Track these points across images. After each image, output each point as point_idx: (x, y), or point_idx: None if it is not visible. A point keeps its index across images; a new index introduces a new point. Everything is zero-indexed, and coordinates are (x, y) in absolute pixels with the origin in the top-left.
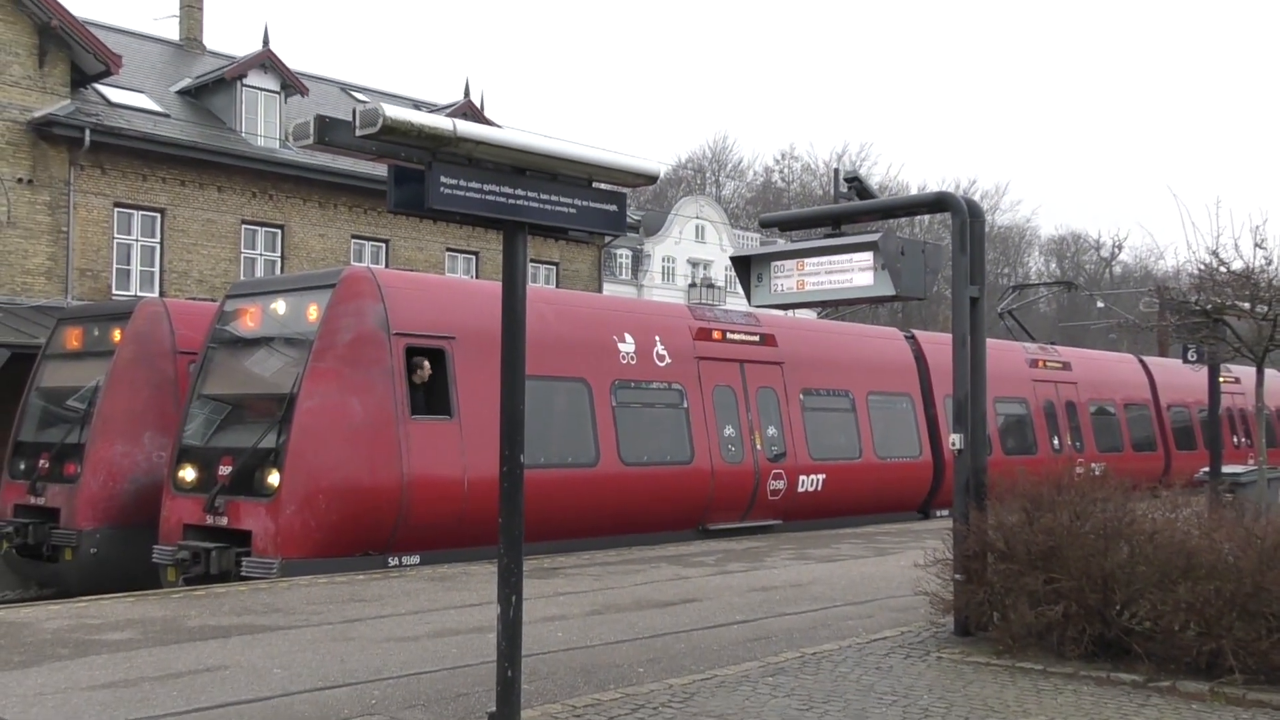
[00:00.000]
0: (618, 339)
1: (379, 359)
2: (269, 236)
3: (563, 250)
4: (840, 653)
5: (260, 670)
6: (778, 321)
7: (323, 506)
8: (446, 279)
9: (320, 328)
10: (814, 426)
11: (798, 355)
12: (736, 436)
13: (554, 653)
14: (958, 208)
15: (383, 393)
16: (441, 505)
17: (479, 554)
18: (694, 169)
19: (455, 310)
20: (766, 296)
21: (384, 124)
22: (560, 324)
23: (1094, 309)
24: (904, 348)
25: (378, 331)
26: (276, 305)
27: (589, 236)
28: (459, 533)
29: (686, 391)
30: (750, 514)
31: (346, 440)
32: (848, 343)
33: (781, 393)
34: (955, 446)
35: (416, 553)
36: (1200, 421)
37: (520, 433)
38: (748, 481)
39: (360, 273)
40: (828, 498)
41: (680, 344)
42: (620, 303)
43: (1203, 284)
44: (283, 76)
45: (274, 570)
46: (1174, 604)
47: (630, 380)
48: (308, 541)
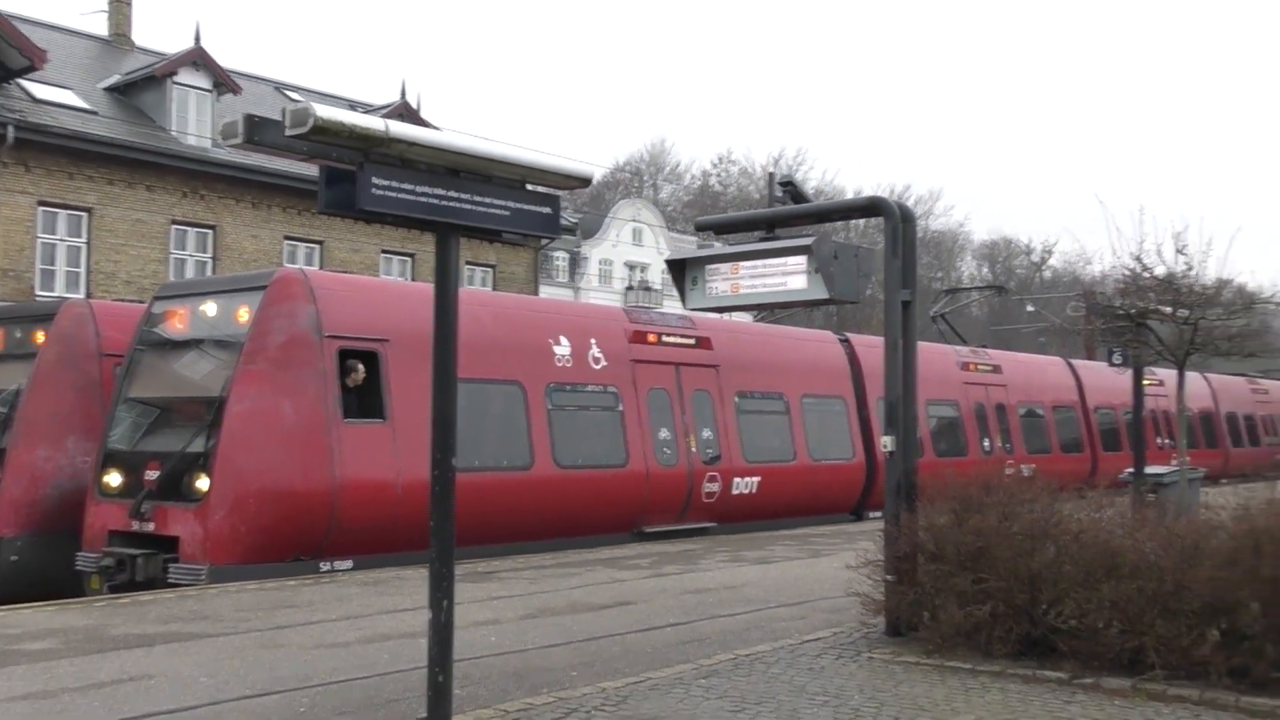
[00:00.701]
0: (553, 342)
1: (310, 361)
2: (200, 237)
3: (499, 252)
4: (773, 654)
5: (186, 679)
6: (713, 324)
7: (253, 511)
8: (380, 281)
9: (251, 330)
10: (748, 429)
11: (732, 358)
12: (671, 439)
13: (487, 657)
14: (890, 212)
15: (314, 396)
16: (375, 509)
17: (413, 558)
18: (631, 172)
19: (389, 312)
20: (701, 300)
21: (315, 124)
22: (495, 326)
23: (1024, 313)
24: (838, 351)
25: (309, 334)
26: (206, 307)
27: (523, 239)
28: (393, 537)
29: (621, 394)
30: (685, 517)
31: (277, 444)
32: (782, 345)
33: (716, 395)
34: (886, 448)
35: (349, 557)
36: (1125, 423)
37: (452, 436)
38: (682, 484)
39: (292, 274)
40: (762, 500)
41: (615, 347)
42: (556, 305)
43: (1127, 289)
44: (215, 75)
45: (202, 577)
46: (1098, 603)
47: (565, 383)
48: (237, 547)
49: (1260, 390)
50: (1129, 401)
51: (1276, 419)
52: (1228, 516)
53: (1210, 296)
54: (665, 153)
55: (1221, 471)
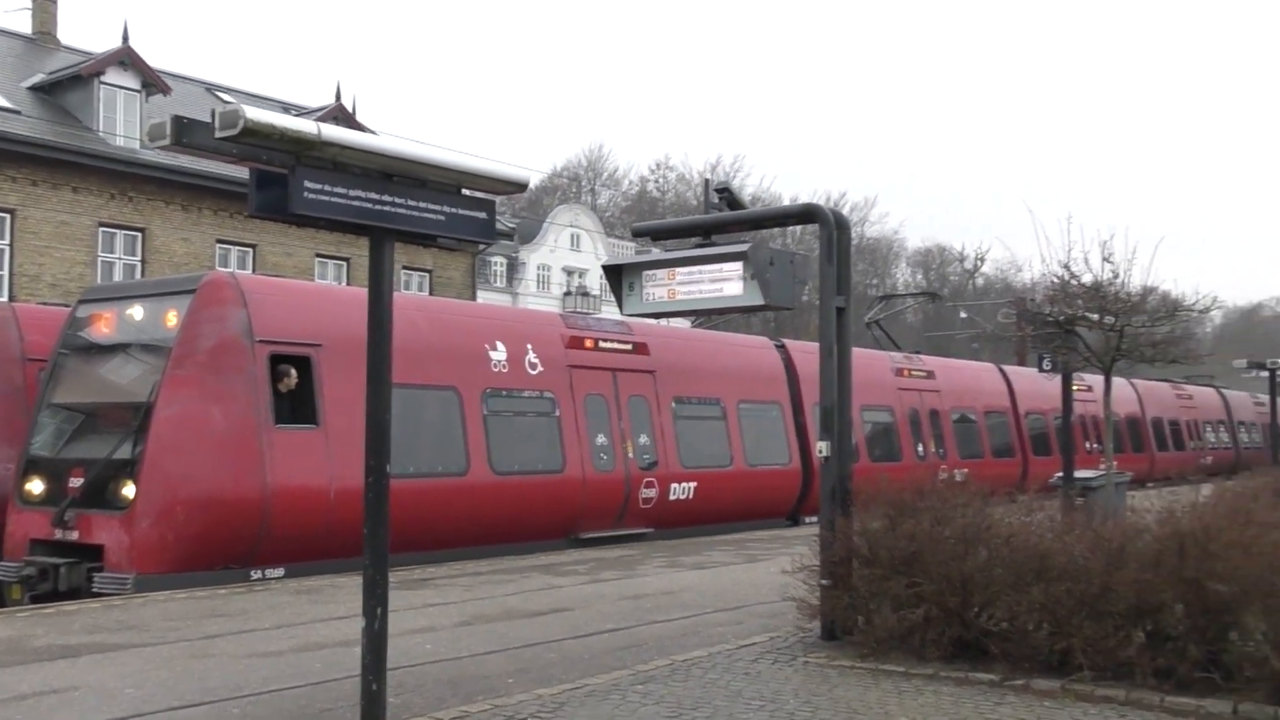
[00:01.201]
0: (489, 347)
1: (241, 366)
2: (128, 240)
3: (435, 257)
4: (710, 659)
5: (111, 691)
6: (650, 330)
7: (181, 519)
8: (313, 285)
9: (179, 334)
10: (685, 435)
11: (670, 364)
12: (608, 445)
13: (422, 665)
14: (825, 219)
15: (244, 401)
16: (306, 516)
17: (347, 565)
18: (570, 177)
19: (322, 317)
20: (638, 305)
21: (245, 126)
22: (431, 331)
23: (958, 319)
24: (774, 357)
25: (240, 338)
26: (133, 311)
27: (459, 244)
28: (326, 544)
29: (558, 400)
30: (622, 522)
31: (206, 450)
32: (719, 351)
33: (653, 401)
34: (822, 453)
35: (281, 565)
36: (1055, 428)
37: (386, 442)
38: (619, 490)
39: (222, 278)
40: (699, 506)
41: (552, 352)
42: (492, 310)
43: (1056, 296)
44: (143, 74)
45: (128, 586)
46: (1028, 605)
47: (501, 389)
48: (165, 556)
49: (1185, 396)
50: (1059, 407)
51: (1200, 424)
52: (1153, 519)
53: (1135, 304)
54: (603, 159)
55: (1148, 475)
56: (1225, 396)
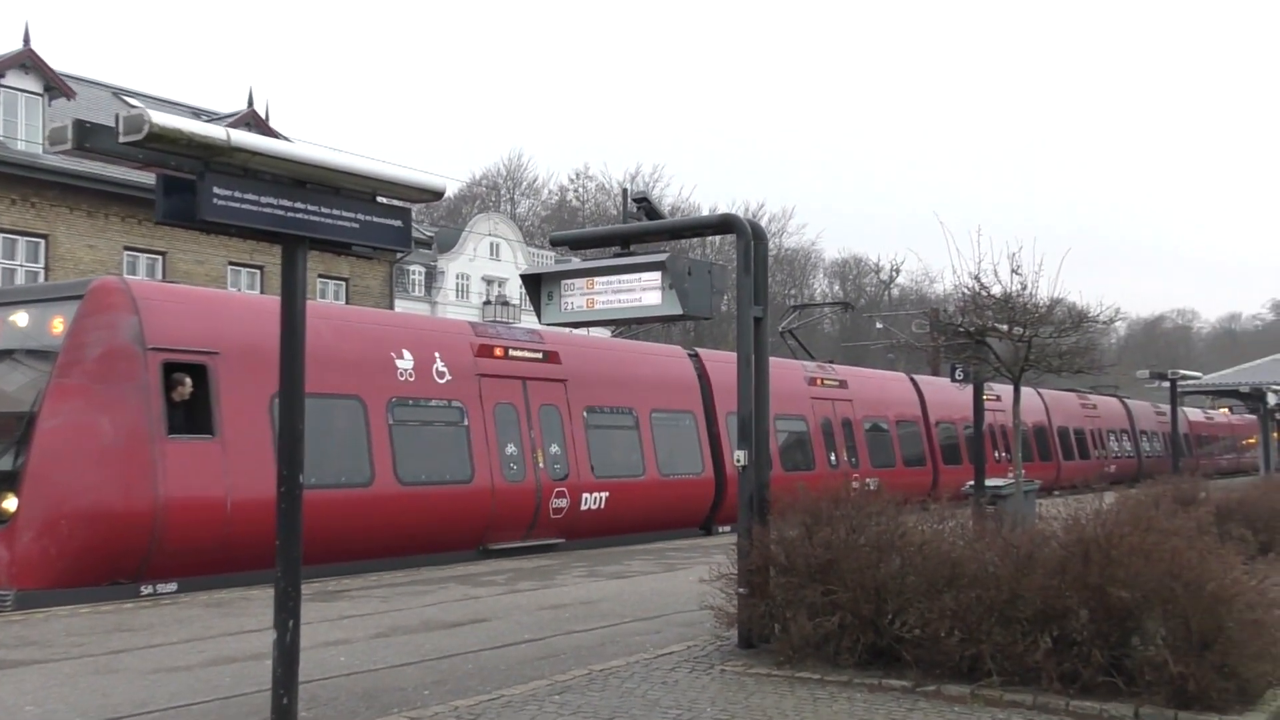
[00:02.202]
0: (395, 355)
1: (131, 375)
2: (31, 247)
3: (352, 266)
4: (628, 669)
5: (11, 708)
6: (562, 339)
7: (64, 533)
8: (210, 291)
9: (65, 341)
10: (597, 444)
11: (581, 373)
12: (519, 455)
13: (335, 678)
14: (742, 230)
15: (135, 411)
16: (202, 529)
17: (245, 579)
18: (489, 186)
19: (220, 324)
20: (557, 315)
21: (150, 131)
22: (334, 339)
23: (874, 330)
24: (687, 366)
25: (130, 345)
26: (17, 317)
27: (374, 252)
28: (222, 558)
29: (467, 409)
30: (533, 533)
31: (93, 462)
32: (632, 360)
33: (565, 410)
34: (739, 463)
35: (174, 579)
36: (966, 437)
37: (300, 452)
38: (530, 500)
39: (111, 283)
40: (611, 515)
41: (461, 361)
42: (399, 318)
43: (967, 307)
44: (46, 77)
45: (8, 603)
46: (940, 612)
47: (408, 398)
48: (47, 571)
49: (1090, 405)
50: (969, 416)
51: (1105, 433)
52: (1059, 527)
53: (1043, 315)
54: (522, 167)
55: (1055, 483)
56: (1129, 406)
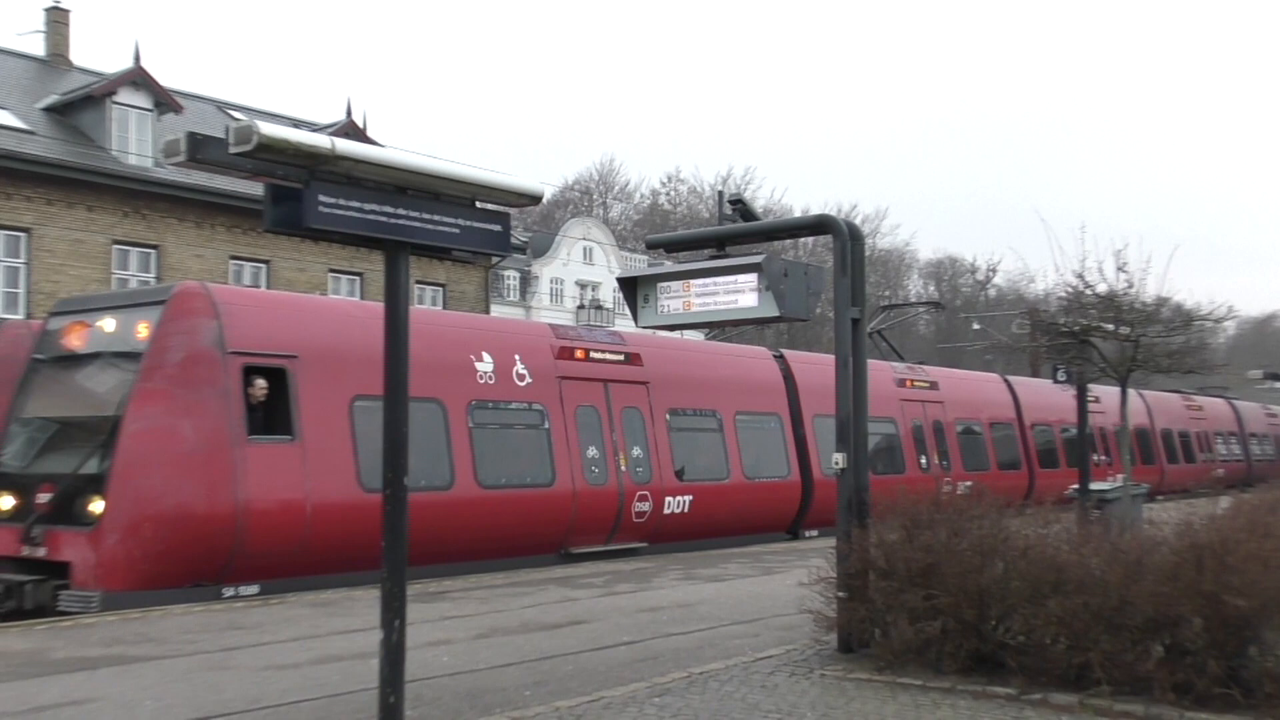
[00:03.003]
0: (475, 358)
1: (212, 379)
2: (143, 257)
3: (449, 271)
4: (726, 672)
5: (131, 703)
6: (644, 340)
7: (149, 535)
8: (291, 296)
9: (149, 346)
10: (681, 447)
11: (664, 375)
12: (601, 458)
13: (439, 678)
14: (838, 230)
15: (216, 414)
16: (282, 532)
17: (325, 582)
18: (581, 191)
19: (298, 328)
20: (653, 318)
21: (259, 141)
22: (414, 343)
23: (970, 331)
24: (773, 367)
25: (211, 350)
26: (104, 323)
27: (473, 257)
28: (302, 561)
29: (548, 411)
30: (615, 537)
31: (176, 465)
32: (716, 362)
33: (647, 412)
34: (838, 465)
35: (255, 582)
36: (1063, 440)
37: (404, 455)
38: (612, 504)
39: (193, 288)
40: (695, 519)
41: (541, 363)
42: (479, 321)
43: (1070, 306)
44: (155, 94)
45: (94, 604)
46: (1045, 618)
47: (488, 400)
48: (132, 573)
49: (1195, 407)
50: (1066, 419)
51: (1211, 435)
52: (1170, 532)
53: (1150, 314)
54: (615, 171)
55: (1158, 488)
56: (1237, 408)
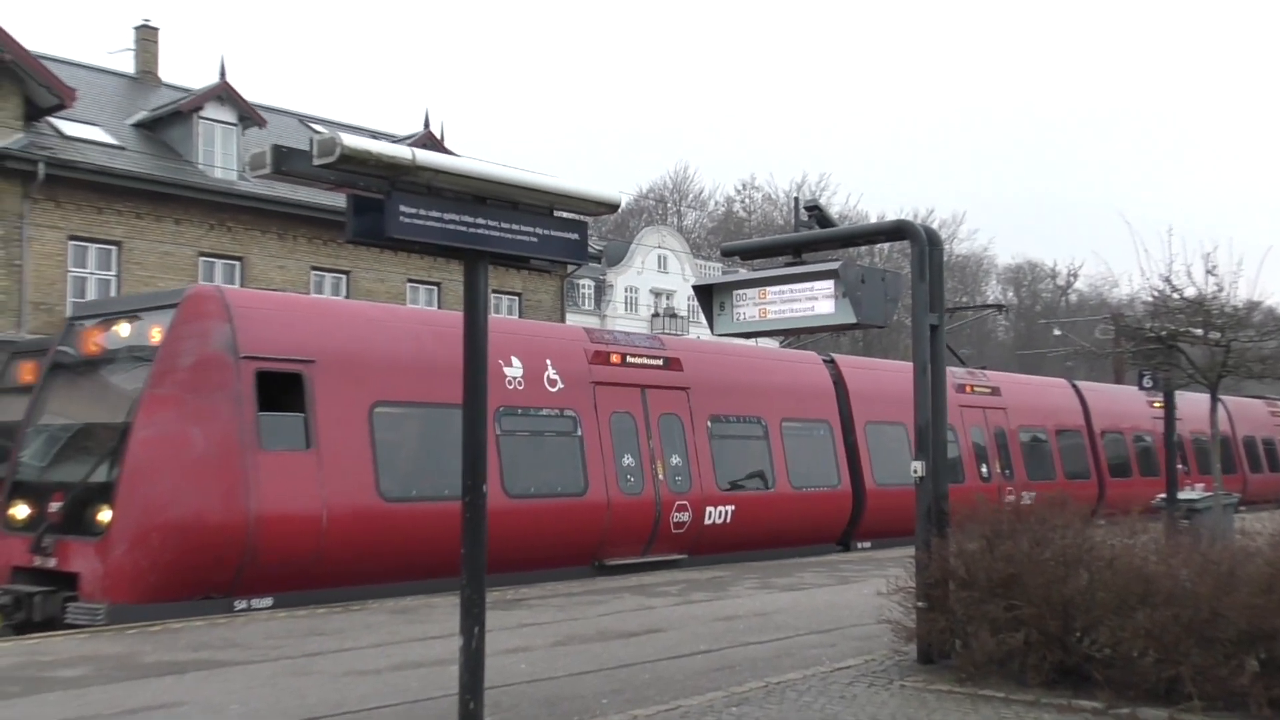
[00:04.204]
0: (503, 363)
1: (224, 384)
2: (228, 269)
3: (525, 281)
4: (804, 682)
5: (217, 707)
6: (684, 345)
7: (156, 546)
8: (308, 298)
9: (160, 351)
10: (723, 455)
11: (706, 380)
12: (636, 466)
13: (517, 684)
14: (916, 236)
15: (228, 421)
16: (297, 543)
17: (343, 595)
18: (655, 199)
19: (316, 332)
20: (730, 325)
21: (342, 153)
22: (436, 347)
23: (1051, 337)
24: (822, 372)
25: (223, 354)
26: (120, 327)
27: (551, 265)
28: (318, 573)
29: (581, 418)
30: (652, 548)
31: (185, 473)
32: (761, 367)
33: (687, 419)
34: (917, 473)
35: (269, 595)
36: (1137, 448)
37: (483, 463)
38: (648, 514)
39: (206, 291)
40: (738, 530)
41: (574, 368)
42: (508, 324)
43: (1157, 311)
44: (240, 108)
45: (100, 617)
46: (1132, 630)
47: (516, 407)
48: (139, 584)
49: None
50: (1140, 425)
51: None
52: (1264, 542)
53: (1242, 318)
54: (689, 179)
55: (1242, 499)
56: None
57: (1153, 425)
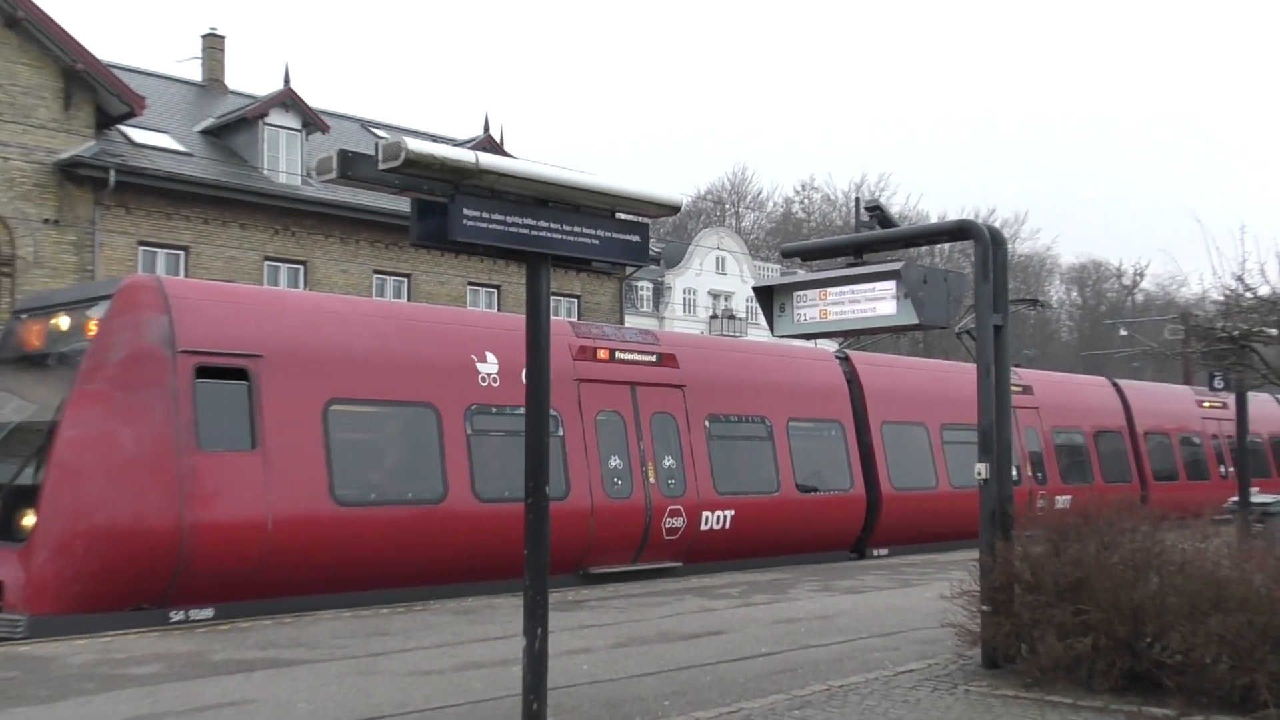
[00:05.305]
0: (477, 358)
1: (158, 380)
2: (292, 273)
3: (584, 283)
4: (867, 685)
5: (285, 704)
6: (679, 340)
7: (80, 554)
8: (257, 288)
9: (91, 345)
10: (721, 457)
11: (703, 377)
12: (625, 469)
13: (579, 685)
14: (980, 235)
15: (161, 420)
16: (237, 550)
17: (293, 604)
18: (714, 201)
19: (265, 324)
20: (790, 327)
21: (407, 157)
22: (402, 341)
23: (1117, 337)
24: (835, 369)
25: (158, 348)
26: (59, 320)
27: (611, 267)
28: (264, 581)
29: (563, 418)
30: (643, 555)
31: (113, 476)
32: (766, 364)
33: (682, 419)
34: (981, 475)
35: (209, 605)
36: (1182, 451)
37: (545, 465)
38: (638, 519)
39: (142, 281)
40: (739, 536)
41: (557, 364)
42: (482, 318)
43: (1228, 310)
44: (304, 114)
45: (20, 629)
46: (1205, 636)
47: (490, 405)
48: (63, 595)
49: None
50: (1187, 426)
51: None
52: None
53: None
54: (747, 181)
55: None
56: None
57: (1201, 426)
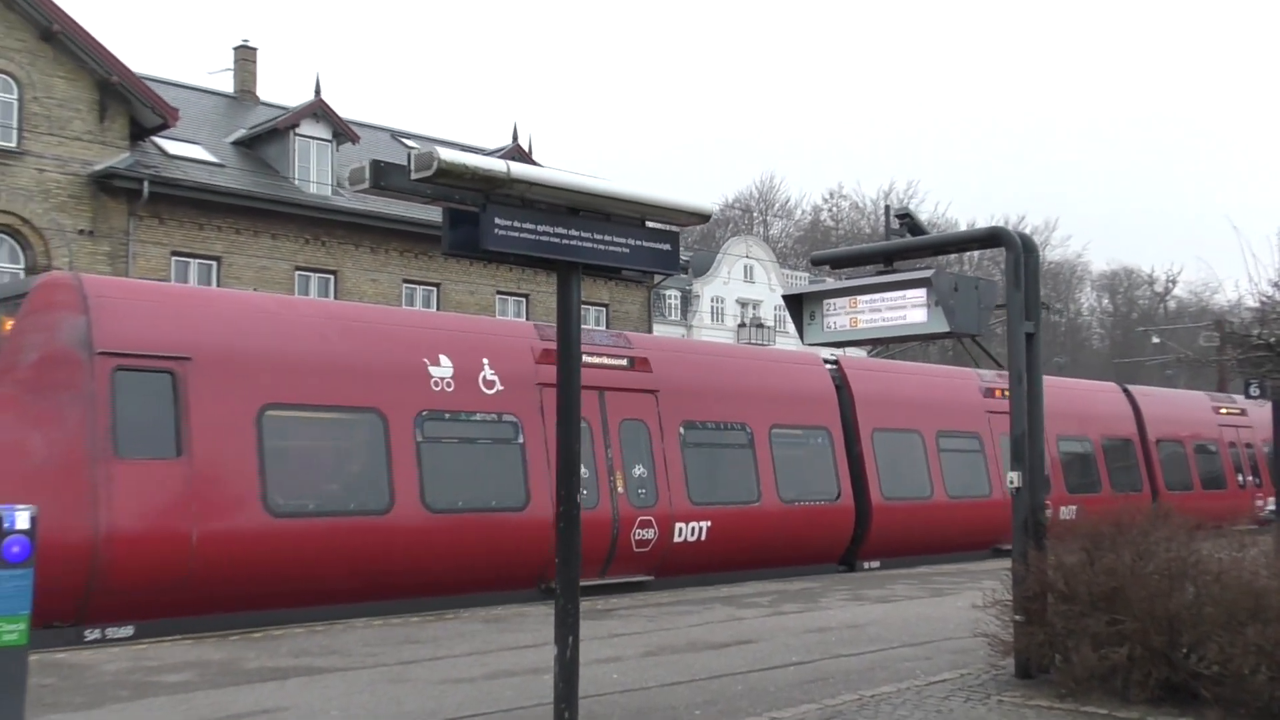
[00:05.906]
0: (429, 362)
1: (72, 383)
2: (322, 282)
3: (612, 291)
4: (899, 695)
5: (317, 712)
6: (655, 343)
7: None
8: (184, 287)
9: (2, 346)
10: (697, 466)
11: (678, 382)
12: (591, 478)
13: (610, 694)
14: (1011, 242)
15: (75, 425)
16: (158, 565)
17: (220, 622)
18: (742, 209)
19: (193, 325)
20: (820, 335)
21: (439, 167)
22: (346, 343)
23: (1149, 345)
24: (822, 374)
25: (73, 350)
26: None
27: (641, 276)
28: (189, 598)
29: (522, 424)
30: (610, 569)
31: (19, 485)
32: (746, 369)
33: (654, 426)
34: (1012, 484)
35: (129, 623)
36: (1197, 459)
37: (576, 474)
38: (604, 531)
39: (59, 279)
40: (715, 549)
41: (517, 368)
42: (438, 319)
43: (1265, 317)
44: (334, 125)
45: None
46: (1243, 646)
47: (444, 411)
48: None
49: None
50: (1202, 434)
51: None
52: None
53: None
54: (775, 189)
55: None
56: None
57: (1218, 434)
